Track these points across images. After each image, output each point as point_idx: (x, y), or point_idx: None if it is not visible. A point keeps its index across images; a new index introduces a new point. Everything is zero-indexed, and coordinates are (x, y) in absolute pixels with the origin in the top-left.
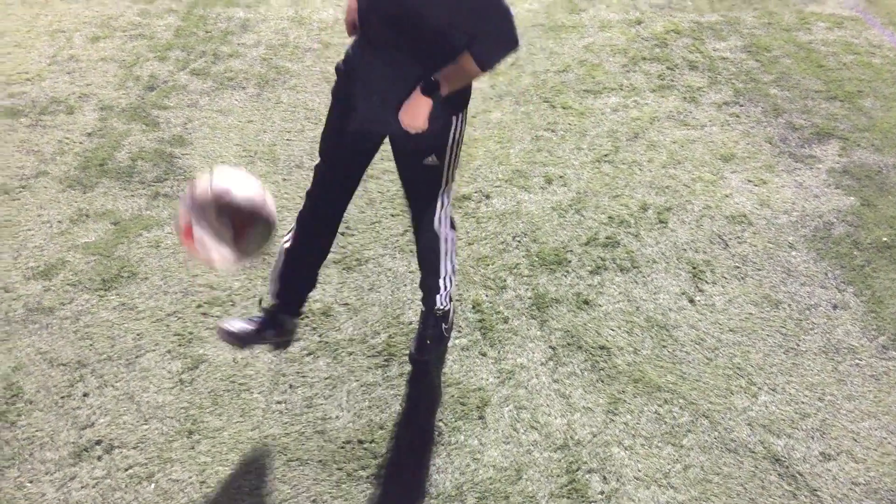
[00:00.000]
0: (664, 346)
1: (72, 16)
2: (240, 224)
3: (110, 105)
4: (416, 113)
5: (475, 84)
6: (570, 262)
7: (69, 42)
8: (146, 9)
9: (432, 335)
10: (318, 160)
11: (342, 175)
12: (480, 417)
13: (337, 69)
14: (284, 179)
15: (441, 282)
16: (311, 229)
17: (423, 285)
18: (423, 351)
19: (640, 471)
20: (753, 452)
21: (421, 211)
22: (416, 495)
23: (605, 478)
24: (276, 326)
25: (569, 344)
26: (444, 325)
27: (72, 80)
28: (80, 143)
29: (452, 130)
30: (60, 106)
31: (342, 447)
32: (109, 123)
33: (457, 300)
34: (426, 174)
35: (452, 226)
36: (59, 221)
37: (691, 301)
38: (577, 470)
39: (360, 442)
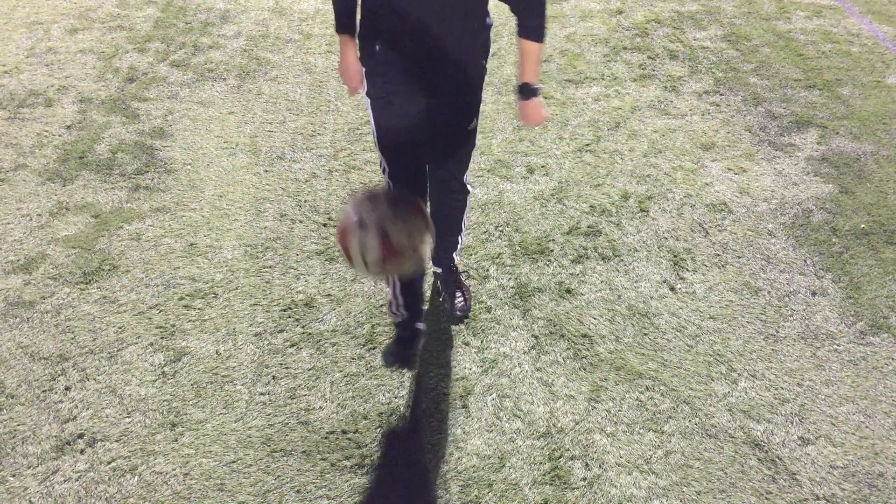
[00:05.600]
0: (645, 334)
1: (49, 7)
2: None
3: (89, 97)
4: (537, 113)
5: None
6: (552, 251)
7: (47, 34)
8: (125, 0)
9: (461, 287)
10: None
11: (416, 162)
12: (464, 406)
13: (371, 90)
14: (266, 171)
15: (459, 237)
16: None
17: (439, 248)
18: (465, 307)
19: (621, 457)
20: (733, 438)
21: (458, 173)
22: (400, 484)
23: (587, 464)
24: (418, 335)
25: (551, 332)
26: (462, 275)
27: (50, 72)
28: (60, 135)
29: (482, 92)
30: (39, 98)
31: (326, 438)
32: (89, 116)
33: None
34: (468, 137)
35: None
36: (39, 215)
37: (672, 289)
38: (559, 457)
39: (344, 432)
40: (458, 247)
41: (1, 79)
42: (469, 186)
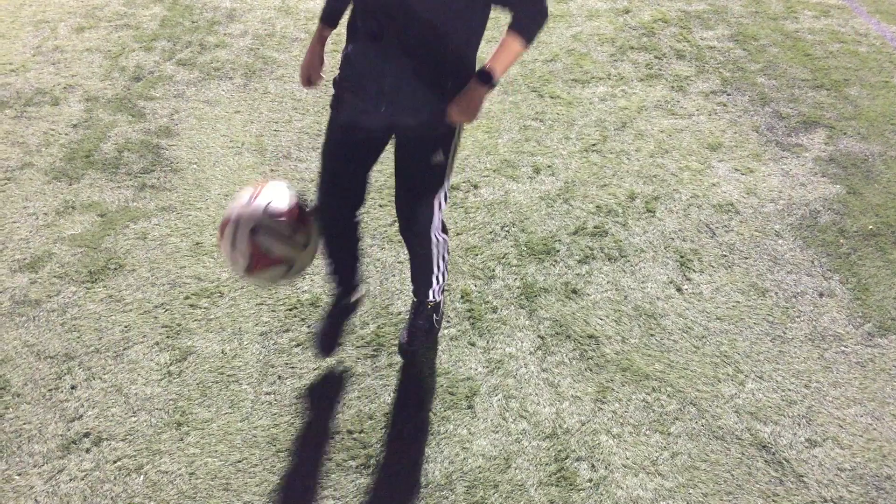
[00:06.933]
0: (652, 335)
1: (56, 6)
2: (256, 260)
3: (96, 96)
4: (471, 105)
5: None
6: (558, 251)
7: (54, 32)
8: None
9: (423, 326)
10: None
11: (350, 182)
12: (469, 407)
13: (335, 83)
14: (272, 170)
15: (434, 277)
16: (336, 239)
17: (414, 279)
18: (414, 341)
19: (628, 458)
20: (740, 439)
21: (416, 213)
22: (406, 485)
23: (593, 465)
24: (348, 311)
25: (557, 333)
26: (435, 316)
27: (57, 70)
28: (66, 134)
29: (458, 125)
30: (45, 97)
31: (331, 438)
32: (95, 114)
33: (446, 291)
34: (430, 172)
35: (444, 230)
36: (45, 213)
37: (679, 290)
38: (565, 458)
39: (350, 432)
40: (435, 286)
41: (7, 77)
42: (434, 234)
